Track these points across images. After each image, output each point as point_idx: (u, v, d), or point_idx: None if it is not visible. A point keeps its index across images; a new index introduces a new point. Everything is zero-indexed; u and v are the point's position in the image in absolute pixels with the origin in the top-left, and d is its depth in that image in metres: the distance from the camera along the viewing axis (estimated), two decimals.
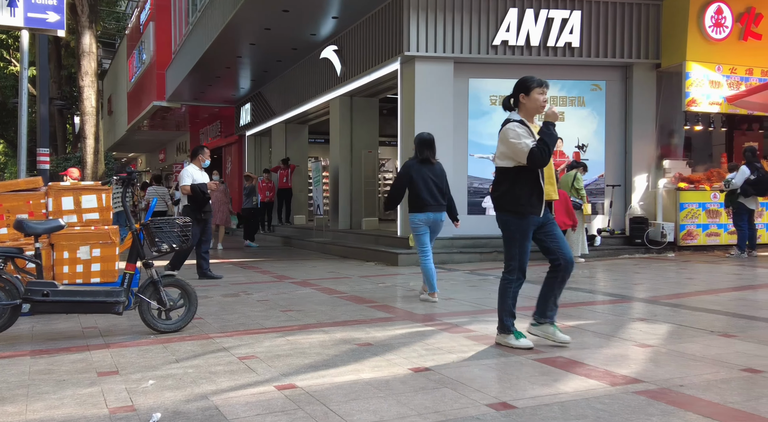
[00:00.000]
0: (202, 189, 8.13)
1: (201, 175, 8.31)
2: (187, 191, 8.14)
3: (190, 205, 8.16)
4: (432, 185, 6.17)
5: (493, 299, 6.21)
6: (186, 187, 8.12)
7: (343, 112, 13.67)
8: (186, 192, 8.16)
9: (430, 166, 6.25)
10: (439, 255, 10.01)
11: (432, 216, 6.25)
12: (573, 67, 11.05)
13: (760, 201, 9.80)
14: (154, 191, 14.34)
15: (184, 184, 8.15)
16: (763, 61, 10.78)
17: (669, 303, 5.87)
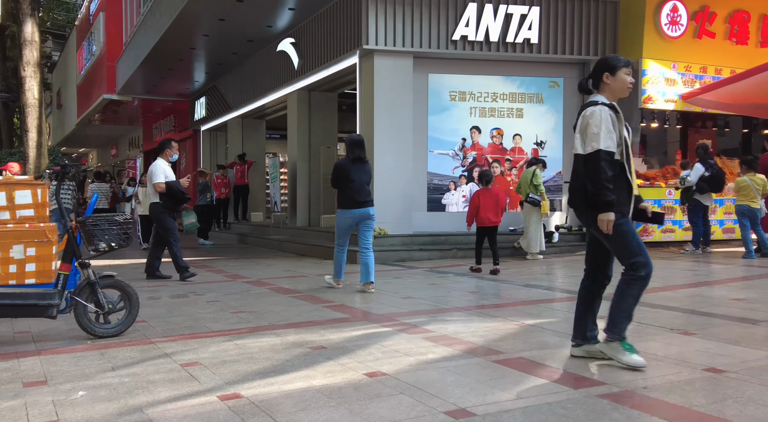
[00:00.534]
0: (178, 187, 7.60)
1: (170, 170, 7.81)
2: (161, 189, 7.53)
3: (164, 203, 7.59)
4: (363, 183, 6.57)
5: (452, 297, 6.10)
6: (161, 184, 7.53)
7: (301, 107, 13.37)
8: (161, 190, 7.54)
9: (362, 164, 6.61)
10: (399, 253, 9.86)
11: (362, 212, 6.62)
12: (531, 63, 11.03)
13: (714, 197, 9.94)
14: (96, 187, 13.77)
15: (158, 181, 7.54)
16: (717, 59, 10.96)
17: None
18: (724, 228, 10.98)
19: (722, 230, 10.97)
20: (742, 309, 5.22)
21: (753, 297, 5.80)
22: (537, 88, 11.17)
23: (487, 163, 10.96)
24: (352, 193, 6.49)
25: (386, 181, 10.16)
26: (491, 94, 10.97)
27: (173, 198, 7.60)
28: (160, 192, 7.61)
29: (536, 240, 9.58)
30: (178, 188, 7.62)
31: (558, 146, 11.25)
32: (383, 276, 7.98)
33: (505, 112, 11.03)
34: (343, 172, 6.52)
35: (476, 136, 10.94)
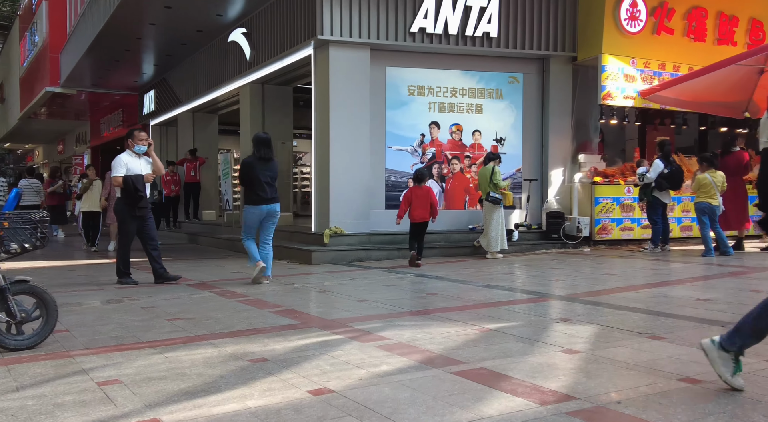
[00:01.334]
0: (135, 183, 6.83)
1: (138, 163, 7.00)
2: (118, 184, 6.87)
3: (123, 199, 6.95)
4: (269, 180, 6.86)
5: (409, 300, 5.76)
6: (118, 178, 6.84)
7: (253, 101, 12.84)
8: (118, 184, 6.88)
9: (267, 162, 6.93)
10: (356, 252, 9.48)
11: (267, 208, 6.97)
12: (491, 58, 10.78)
13: (672, 195, 9.88)
14: (27, 184, 12.96)
15: (115, 175, 6.86)
16: (675, 56, 10.92)
17: (590, 301, 5.58)
18: (681, 226, 10.96)
19: (680, 228, 10.95)
20: (709, 311, 5.02)
21: (717, 297, 5.63)
22: (496, 84, 10.94)
23: (446, 159, 10.67)
24: (257, 190, 6.84)
25: (342, 177, 9.76)
26: (450, 88, 10.68)
27: (128, 193, 6.90)
28: (117, 186, 6.96)
29: (497, 239, 9.33)
30: (134, 184, 6.85)
31: (517, 143, 11.04)
32: (338, 278, 7.58)
33: (465, 107, 10.76)
34: (249, 170, 6.84)
35: (435, 132, 10.63)
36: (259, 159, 6.89)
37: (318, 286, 6.94)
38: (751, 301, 5.36)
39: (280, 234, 11.26)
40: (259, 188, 6.85)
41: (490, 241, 9.38)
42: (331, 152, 9.75)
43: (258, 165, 6.86)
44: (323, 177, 9.94)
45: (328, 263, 9.20)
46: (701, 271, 7.58)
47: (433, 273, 7.89)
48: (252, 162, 6.89)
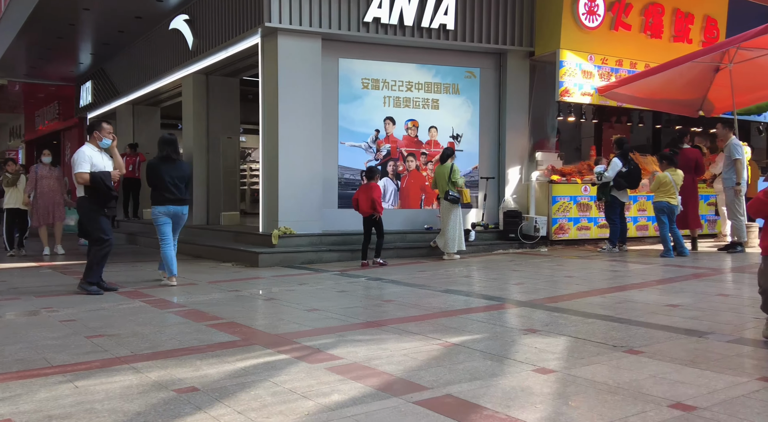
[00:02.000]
0: (104, 180, 6.24)
1: (101, 158, 6.37)
2: (84, 180, 6.20)
3: (89, 197, 6.29)
4: (174, 180, 6.77)
5: (364, 308, 5.25)
6: (84, 174, 6.19)
7: (197, 92, 12.12)
8: (83, 181, 6.21)
9: (172, 163, 6.86)
10: (307, 254, 8.94)
11: (173, 209, 6.84)
12: (448, 52, 10.41)
13: (629, 194, 9.71)
14: None
15: (81, 171, 6.19)
16: (632, 52, 10.79)
17: (556, 308, 5.24)
18: (638, 226, 10.85)
19: (636, 227, 10.83)
20: (682, 319, 4.73)
21: (687, 302, 5.37)
22: (453, 78, 10.57)
23: (401, 156, 10.24)
24: (163, 191, 6.76)
25: (292, 175, 9.20)
26: (406, 82, 10.25)
27: (98, 191, 6.26)
28: (83, 184, 6.26)
29: (454, 240, 8.96)
30: (104, 182, 6.25)
31: (474, 140, 10.71)
32: (286, 282, 7.05)
33: (421, 102, 10.35)
34: (154, 171, 6.82)
35: (390, 128, 10.18)
36: (164, 159, 6.86)
37: (264, 293, 6.40)
38: (723, 307, 5.13)
39: (225, 236, 10.63)
40: (165, 189, 6.77)
41: (447, 242, 9.00)
42: (280, 148, 9.18)
43: (162, 166, 6.81)
44: (272, 174, 9.36)
45: (276, 266, 8.64)
46: (663, 273, 7.38)
47: (388, 276, 7.44)
48: (156, 163, 6.89)
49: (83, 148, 6.39)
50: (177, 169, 6.86)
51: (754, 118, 12.18)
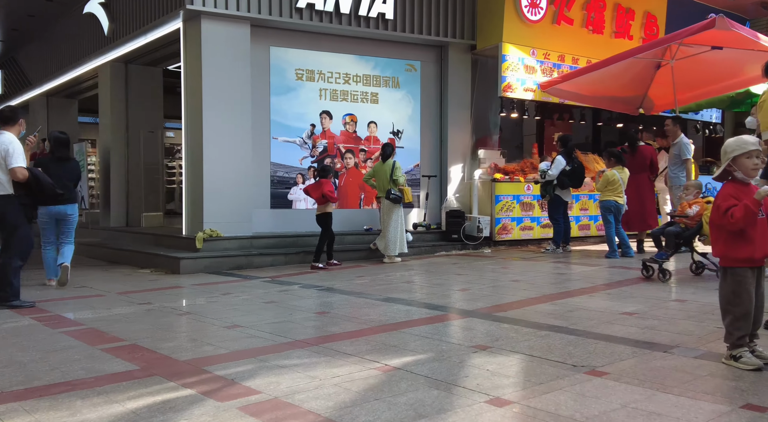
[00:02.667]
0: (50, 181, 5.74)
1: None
2: (24, 177, 5.44)
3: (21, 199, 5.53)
4: (63, 181, 6.45)
5: (293, 323, 4.48)
6: (24, 170, 5.45)
7: (115, 83, 11.15)
8: (23, 178, 5.43)
9: (63, 162, 6.70)
10: (235, 259, 8.21)
11: (59, 209, 6.65)
12: (387, 43, 9.88)
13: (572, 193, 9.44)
14: None
15: (21, 166, 5.42)
16: (574, 48, 10.56)
17: (506, 318, 4.77)
18: (580, 225, 10.63)
19: (578, 227, 10.61)
20: (641, 329, 4.33)
21: (642, 310, 5.01)
22: (393, 71, 10.04)
23: (339, 153, 9.64)
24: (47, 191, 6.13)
25: (218, 172, 8.45)
26: (343, 75, 9.64)
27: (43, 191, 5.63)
28: (21, 181, 5.46)
29: (395, 242, 8.43)
30: (48, 182, 5.73)
31: (415, 137, 10.23)
32: (208, 292, 6.32)
33: (359, 96, 9.77)
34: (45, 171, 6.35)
35: (327, 122, 9.56)
36: (55, 160, 6.69)
37: (180, 306, 5.67)
38: (680, 315, 4.78)
39: (145, 239, 9.75)
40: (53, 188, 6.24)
41: (388, 244, 8.46)
42: (204, 143, 8.41)
43: (52, 165, 6.55)
44: (196, 171, 8.58)
45: (200, 272, 7.88)
46: (611, 276, 7.07)
47: (323, 283, 6.83)
48: (46, 162, 6.66)
49: (11, 136, 5.52)
50: (67, 169, 6.71)
51: (692, 117, 12.21)
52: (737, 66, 9.72)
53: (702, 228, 6.15)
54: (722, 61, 9.62)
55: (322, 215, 8.17)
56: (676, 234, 6.30)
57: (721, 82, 10.14)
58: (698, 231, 6.23)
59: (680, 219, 6.35)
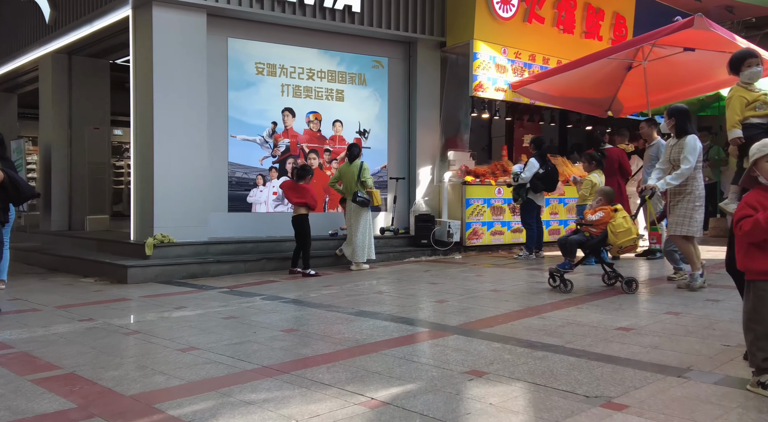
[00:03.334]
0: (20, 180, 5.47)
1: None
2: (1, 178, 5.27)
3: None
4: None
5: (258, 344, 3.80)
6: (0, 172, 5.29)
7: (57, 75, 10.31)
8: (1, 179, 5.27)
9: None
10: (189, 267, 7.55)
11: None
12: (353, 37, 9.38)
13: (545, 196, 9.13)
14: None
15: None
16: (545, 47, 10.29)
17: (494, 335, 4.34)
18: (550, 230, 10.36)
19: (548, 231, 10.33)
20: (644, 348, 3.96)
21: (638, 324, 4.66)
22: (359, 68, 9.55)
23: (302, 153, 9.08)
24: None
25: (171, 173, 7.79)
26: (307, 70, 9.10)
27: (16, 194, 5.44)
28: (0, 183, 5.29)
29: (363, 248, 7.93)
30: (24, 182, 5.56)
31: (383, 137, 9.76)
32: (159, 306, 5.69)
33: (324, 93, 9.24)
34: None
35: (289, 120, 9.00)
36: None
37: (127, 323, 5.04)
38: (680, 330, 4.44)
39: (89, 244, 8.98)
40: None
41: (356, 250, 7.96)
42: (156, 141, 7.74)
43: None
44: (145, 171, 7.90)
45: (150, 282, 7.22)
46: (592, 284, 6.74)
47: (288, 294, 6.28)
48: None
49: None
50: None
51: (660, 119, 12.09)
52: (708, 68, 9.60)
53: (607, 238, 5.82)
54: (693, 62, 9.49)
55: (297, 217, 7.63)
56: (579, 242, 6.00)
57: (692, 85, 10.03)
58: (603, 240, 5.89)
59: (585, 227, 6.05)
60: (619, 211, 5.92)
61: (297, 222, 7.62)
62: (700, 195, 5.91)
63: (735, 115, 4.90)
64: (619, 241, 5.79)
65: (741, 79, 4.82)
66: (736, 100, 4.93)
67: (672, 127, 6.04)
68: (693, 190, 5.89)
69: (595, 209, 6.04)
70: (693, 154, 5.77)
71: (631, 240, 5.82)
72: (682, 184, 5.90)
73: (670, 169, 5.96)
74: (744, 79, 4.69)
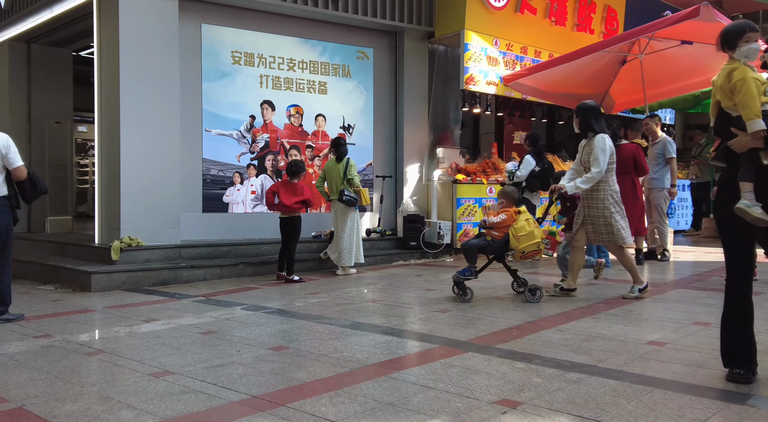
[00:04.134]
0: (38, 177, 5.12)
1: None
2: (24, 175, 4.94)
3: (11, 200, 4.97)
4: None
5: (248, 367, 3.05)
6: (24, 167, 4.95)
7: (15, 65, 9.53)
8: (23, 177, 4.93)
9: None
10: (159, 273, 6.88)
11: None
12: (336, 26, 8.81)
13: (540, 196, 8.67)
14: None
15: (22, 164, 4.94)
16: (537, 40, 9.85)
17: (514, 353, 3.82)
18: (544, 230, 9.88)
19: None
20: (686, 367, 3.49)
21: (669, 338, 4.19)
22: (343, 59, 8.97)
23: (283, 149, 8.47)
24: None
25: (139, 171, 7.11)
26: (287, 60, 8.49)
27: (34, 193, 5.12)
28: (20, 180, 4.97)
29: (351, 251, 7.36)
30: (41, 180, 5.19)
31: (368, 132, 9.20)
32: (126, 319, 5.04)
33: (305, 85, 8.65)
34: None
35: (269, 114, 8.38)
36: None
37: (89, 340, 4.39)
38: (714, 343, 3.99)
39: (50, 247, 8.23)
40: None
41: (342, 253, 7.39)
42: (122, 136, 7.06)
43: None
44: (111, 168, 7.21)
45: (116, 289, 6.54)
46: (603, 290, 6.28)
47: (272, 303, 5.68)
48: None
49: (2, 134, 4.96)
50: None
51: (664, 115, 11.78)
52: (704, 63, 9.27)
53: (509, 243, 5.40)
54: (689, 57, 9.15)
55: (290, 219, 6.97)
56: (480, 247, 5.57)
57: (687, 80, 9.71)
58: (505, 244, 5.48)
59: (488, 230, 5.62)
60: (522, 214, 5.50)
61: (291, 224, 6.96)
62: (615, 200, 5.48)
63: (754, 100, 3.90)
64: (521, 246, 5.36)
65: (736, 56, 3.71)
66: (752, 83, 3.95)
67: (578, 126, 5.62)
68: (606, 196, 5.44)
69: (498, 211, 5.60)
70: (603, 155, 5.33)
71: (534, 245, 5.40)
72: (594, 189, 5.47)
73: (583, 171, 5.53)
74: (740, 56, 3.62)
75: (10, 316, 5.09)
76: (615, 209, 5.46)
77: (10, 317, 5.08)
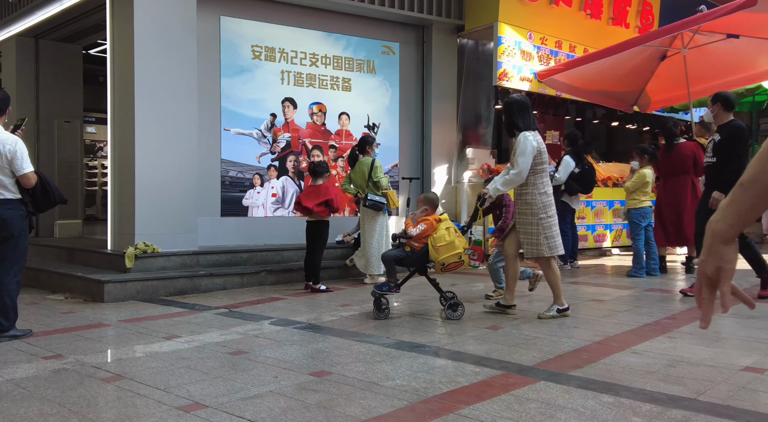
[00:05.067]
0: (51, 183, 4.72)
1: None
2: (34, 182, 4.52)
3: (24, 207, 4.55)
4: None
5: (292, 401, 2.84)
6: (32, 174, 4.50)
7: (23, 62, 9.10)
8: (34, 183, 4.52)
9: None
10: (176, 282, 6.42)
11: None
12: (360, 19, 8.33)
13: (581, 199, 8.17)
14: None
15: (32, 170, 4.51)
16: (571, 34, 9.35)
17: (595, 383, 3.32)
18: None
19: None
20: None
21: (766, 363, 3.67)
22: (368, 54, 8.49)
23: (305, 149, 7.99)
24: None
25: (154, 172, 6.64)
26: (310, 55, 8.02)
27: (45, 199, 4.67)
28: (30, 187, 4.53)
29: (379, 258, 6.85)
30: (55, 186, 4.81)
31: (394, 132, 8.71)
32: (144, 335, 4.55)
33: (329, 81, 8.17)
34: None
35: (290, 112, 7.90)
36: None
37: (104, 362, 3.91)
38: None
39: (58, 254, 7.78)
40: None
41: (370, 261, 6.90)
42: (137, 135, 6.59)
43: None
44: (125, 171, 6.74)
45: (131, 299, 6.08)
46: (662, 303, 5.76)
47: (300, 317, 5.19)
48: None
49: (11, 135, 4.52)
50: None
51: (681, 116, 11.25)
52: (749, 58, 8.77)
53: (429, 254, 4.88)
54: (734, 51, 8.63)
55: (316, 224, 6.51)
56: (397, 259, 5.06)
57: (730, 76, 9.16)
58: (424, 255, 4.96)
59: (408, 241, 5.09)
60: (443, 222, 4.95)
61: (314, 228, 6.50)
62: (543, 205, 4.86)
63: None
64: (441, 257, 4.82)
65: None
66: None
67: (504, 124, 5.06)
68: (534, 201, 4.86)
69: (418, 220, 5.07)
70: (523, 156, 4.73)
71: (455, 256, 4.84)
72: (521, 193, 4.91)
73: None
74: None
75: (17, 332, 4.63)
76: (543, 215, 4.88)
77: (18, 333, 4.62)
